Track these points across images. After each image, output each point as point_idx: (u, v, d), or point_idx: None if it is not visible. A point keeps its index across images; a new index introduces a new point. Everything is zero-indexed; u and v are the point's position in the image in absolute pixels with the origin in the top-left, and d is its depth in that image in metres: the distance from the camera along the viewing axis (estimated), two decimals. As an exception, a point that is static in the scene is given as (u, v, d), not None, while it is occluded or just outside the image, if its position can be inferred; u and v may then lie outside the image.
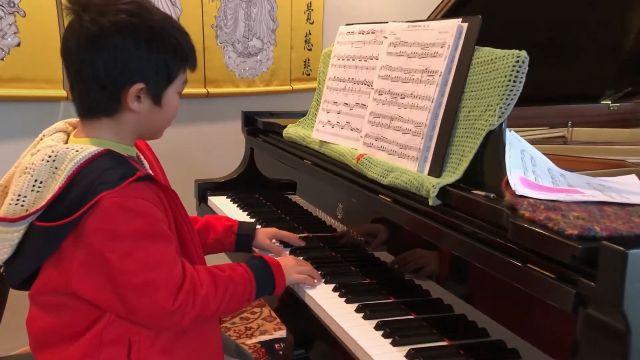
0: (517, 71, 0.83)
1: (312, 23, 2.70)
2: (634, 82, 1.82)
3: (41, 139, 0.91)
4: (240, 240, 1.19)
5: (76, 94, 0.87)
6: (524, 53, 0.84)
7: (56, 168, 0.81)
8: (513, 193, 0.75)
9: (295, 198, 1.50)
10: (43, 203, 0.81)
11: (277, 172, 1.59)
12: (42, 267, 0.87)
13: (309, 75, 2.73)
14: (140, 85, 0.84)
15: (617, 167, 1.16)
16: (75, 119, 0.93)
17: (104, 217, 0.80)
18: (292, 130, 1.40)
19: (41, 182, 0.82)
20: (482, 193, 0.83)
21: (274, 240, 1.24)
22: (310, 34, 2.71)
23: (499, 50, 0.88)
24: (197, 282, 0.87)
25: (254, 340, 2.17)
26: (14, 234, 0.83)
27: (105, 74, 0.82)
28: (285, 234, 1.24)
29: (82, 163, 0.81)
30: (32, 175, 0.82)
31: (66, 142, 0.89)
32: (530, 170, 0.83)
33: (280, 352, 2.08)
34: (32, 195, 0.82)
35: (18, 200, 0.82)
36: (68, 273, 0.83)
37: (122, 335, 0.86)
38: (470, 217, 0.82)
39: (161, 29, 0.85)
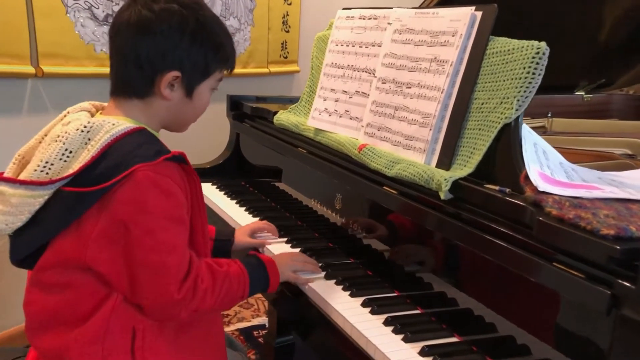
0: (537, 63, 0.82)
1: (290, 4, 2.62)
2: (606, 74, 1.87)
3: (65, 115, 0.89)
4: (218, 245, 1.16)
5: (114, 70, 0.89)
6: (544, 44, 0.82)
7: (89, 139, 0.82)
8: (534, 189, 0.74)
9: (281, 185, 1.45)
10: (71, 171, 0.80)
11: (264, 159, 1.53)
12: (54, 240, 0.84)
13: (286, 58, 2.65)
14: (176, 73, 0.86)
15: (607, 160, 1.19)
16: (98, 102, 0.94)
17: (135, 189, 0.80)
18: (284, 117, 1.34)
19: (71, 152, 0.82)
20: (496, 187, 0.82)
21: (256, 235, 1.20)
22: (288, 15, 2.62)
23: (516, 41, 0.86)
24: (199, 275, 0.86)
25: (232, 327, 2.13)
26: (37, 199, 0.81)
27: (146, 56, 0.84)
28: (263, 227, 1.22)
29: (118, 136, 0.82)
30: (63, 144, 0.82)
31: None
32: (545, 165, 0.82)
33: (260, 340, 2.05)
34: (59, 163, 0.82)
35: (45, 167, 0.81)
36: (85, 243, 0.81)
37: (126, 323, 0.84)
38: (485, 212, 0.81)
39: (208, 25, 0.88)
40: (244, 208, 1.38)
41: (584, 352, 0.68)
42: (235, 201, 1.43)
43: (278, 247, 1.17)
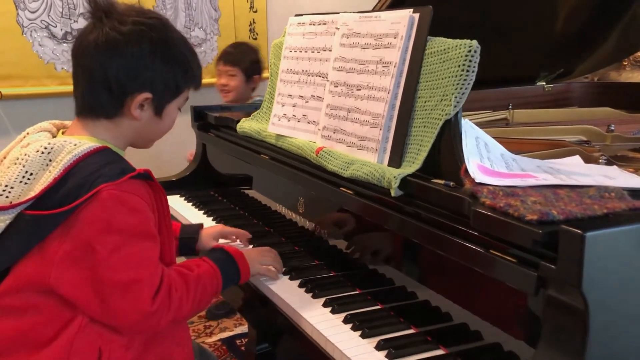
0: (470, 60, 0.85)
1: (255, 12, 2.64)
2: (565, 63, 1.93)
3: (24, 137, 0.89)
4: (184, 243, 1.16)
5: (79, 92, 0.89)
6: (475, 43, 0.86)
7: (50, 160, 0.81)
8: (472, 181, 0.77)
9: (251, 193, 1.47)
10: (33, 194, 0.80)
11: (232, 168, 1.55)
12: (16, 264, 0.83)
13: (255, 65, 2.67)
14: (147, 95, 0.88)
15: (558, 147, 1.23)
16: (58, 121, 0.94)
17: (101, 208, 0.79)
18: (247, 125, 1.36)
19: (31, 174, 0.81)
20: (442, 182, 0.85)
21: (221, 240, 1.21)
22: (254, 22, 2.65)
23: (451, 40, 0.89)
24: (172, 285, 0.86)
25: (214, 338, 2.14)
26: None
27: (116, 79, 0.85)
28: (231, 231, 1.23)
29: (81, 156, 0.82)
30: (23, 167, 0.81)
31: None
32: (486, 157, 0.85)
33: (242, 348, 2.06)
34: (19, 187, 0.81)
35: (4, 191, 0.81)
36: (49, 266, 0.81)
37: (92, 343, 0.83)
38: (432, 206, 0.84)
39: (177, 46, 0.90)
40: (211, 217, 1.39)
41: (527, 332, 0.71)
42: (202, 211, 1.45)
43: (235, 246, 1.17)
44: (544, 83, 1.97)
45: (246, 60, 2.10)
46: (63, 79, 1.80)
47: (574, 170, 0.85)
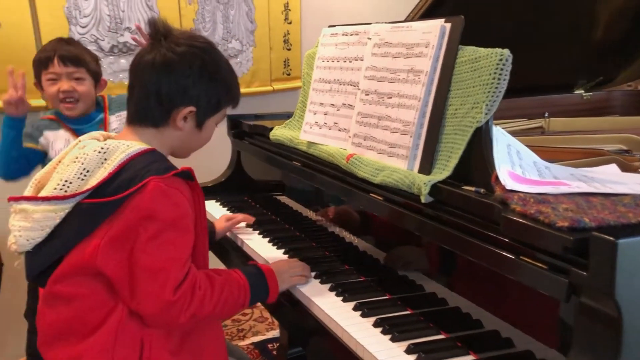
0: (502, 69, 0.86)
1: (290, 23, 2.70)
2: (605, 71, 1.88)
3: (77, 144, 0.98)
4: None
5: (133, 102, 0.99)
6: (506, 51, 0.86)
7: (105, 159, 0.91)
8: (503, 188, 0.77)
9: (283, 199, 1.50)
10: (89, 186, 0.89)
11: (265, 174, 1.59)
12: (71, 250, 0.91)
13: (289, 75, 2.73)
14: (192, 108, 0.97)
15: (596, 156, 1.21)
16: (105, 132, 1.05)
17: (147, 197, 0.87)
18: (279, 132, 1.40)
19: (88, 171, 0.90)
20: (472, 189, 0.85)
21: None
22: (288, 33, 2.71)
23: (482, 49, 0.90)
24: (196, 282, 0.91)
25: (247, 341, 2.18)
26: (59, 213, 0.89)
27: (167, 92, 0.95)
28: (234, 214, 1.38)
29: (133, 155, 0.91)
30: (82, 164, 0.91)
31: None
32: (518, 165, 0.85)
33: (274, 352, 2.09)
34: (77, 182, 0.90)
35: (64, 185, 0.90)
36: (96, 248, 0.88)
37: (135, 334, 0.89)
38: (462, 213, 0.85)
39: (222, 68, 1.01)
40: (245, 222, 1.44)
41: (558, 340, 0.71)
42: (237, 216, 1.49)
43: (267, 250, 1.24)
44: (583, 91, 1.93)
45: (91, 60, 1.56)
46: (109, 90, 1.90)
47: (609, 179, 0.84)
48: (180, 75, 0.95)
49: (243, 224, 1.39)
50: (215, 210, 1.55)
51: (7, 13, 1.66)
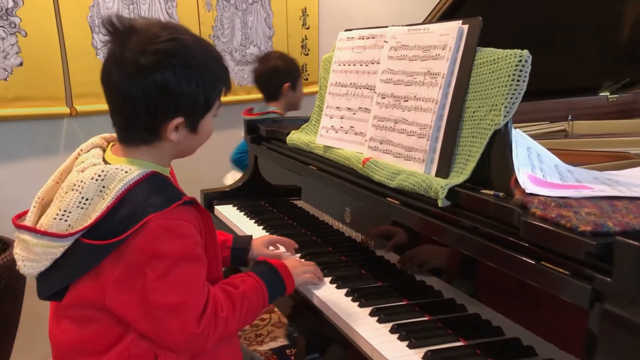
0: (521, 70, 0.84)
1: (307, 28, 2.72)
2: (631, 73, 1.83)
3: (79, 154, 0.94)
4: (235, 254, 1.20)
5: (116, 121, 0.90)
6: (526, 52, 0.84)
7: (104, 187, 0.85)
8: (523, 191, 0.75)
9: (300, 203, 1.50)
10: (90, 221, 0.84)
11: (282, 179, 1.59)
12: (75, 283, 0.89)
13: (306, 79, 2.74)
14: (179, 120, 0.88)
15: (621, 160, 1.17)
16: (109, 134, 0.97)
17: (149, 238, 0.83)
18: (296, 137, 1.40)
19: (87, 200, 0.85)
20: (491, 192, 0.83)
21: (270, 248, 1.24)
22: (306, 39, 2.72)
23: (500, 51, 0.88)
24: (218, 305, 0.89)
25: (265, 347, 2.17)
26: (58, 249, 0.85)
27: (145, 111, 0.85)
28: (280, 239, 1.26)
29: (131, 185, 0.85)
30: (80, 193, 0.85)
31: (103, 157, 0.92)
32: (538, 168, 0.83)
33: (292, 358, 2.08)
34: (77, 211, 0.85)
35: (63, 215, 0.85)
36: (104, 288, 0.85)
37: (148, 350, 0.88)
38: (480, 217, 0.83)
39: (200, 64, 0.87)
40: (262, 227, 1.44)
41: (583, 349, 0.68)
42: (253, 220, 1.49)
43: (283, 255, 1.21)
44: (608, 93, 1.88)
45: None
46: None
47: (634, 182, 0.81)
48: (154, 87, 0.83)
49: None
50: (232, 215, 1.56)
51: (33, 22, 1.71)
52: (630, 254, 0.56)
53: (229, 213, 1.57)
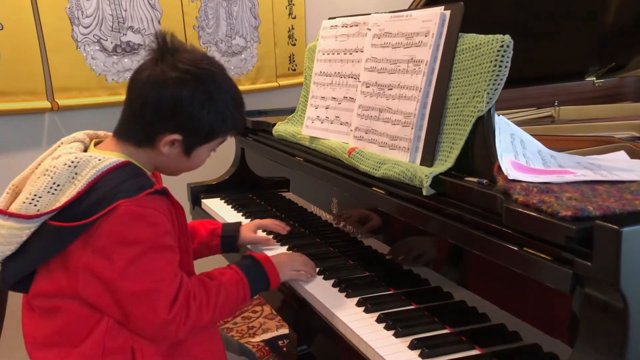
0: (502, 56, 0.83)
1: (294, 18, 2.69)
2: (616, 57, 1.83)
3: (59, 146, 0.94)
4: (225, 241, 1.20)
5: (123, 116, 0.94)
6: (508, 37, 0.84)
7: (76, 174, 0.85)
8: (505, 178, 0.75)
9: (289, 195, 1.49)
10: (58, 205, 0.84)
11: (270, 171, 1.58)
12: (46, 270, 0.88)
13: (294, 70, 2.72)
14: (176, 136, 0.91)
15: (605, 144, 1.17)
16: (92, 131, 0.99)
17: (118, 223, 0.83)
18: (282, 128, 1.39)
19: (58, 185, 0.85)
20: (475, 180, 0.83)
21: (259, 232, 1.25)
22: (293, 28, 2.69)
23: (482, 36, 0.88)
24: (190, 293, 0.89)
25: (257, 339, 2.18)
26: (25, 231, 0.85)
27: (152, 114, 0.90)
28: (267, 223, 1.27)
29: (104, 172, 0.85)
30: (51, 178, 0.85)
31: (82, 151, 0.93)
32: (521, 154, 0.83)
33: (284, 349, 2.09)
34: (47, 196, 0.85)
35: (33, 199, 0.85)
36: (75, 274, 0.85)
37: (124, 343, 0.87)
38: (464, 205, 0.83)
39: (218, 97, 0.92)
40: (250, 219, 1.43)
41: (565, 332, 0.69)
42: (241, 213, 1.48)
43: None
44: (594, 78, 1.88)
45: None
46: (114, 90, 1.90)
47: (616, 166, 0.81)
48: (167, 100, 0.88)
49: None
50: (219, 208, 1.55)
51: (9, 14, 1.67)
52: (610, 237, 0.56)
53: (217, 206, 1.56)
